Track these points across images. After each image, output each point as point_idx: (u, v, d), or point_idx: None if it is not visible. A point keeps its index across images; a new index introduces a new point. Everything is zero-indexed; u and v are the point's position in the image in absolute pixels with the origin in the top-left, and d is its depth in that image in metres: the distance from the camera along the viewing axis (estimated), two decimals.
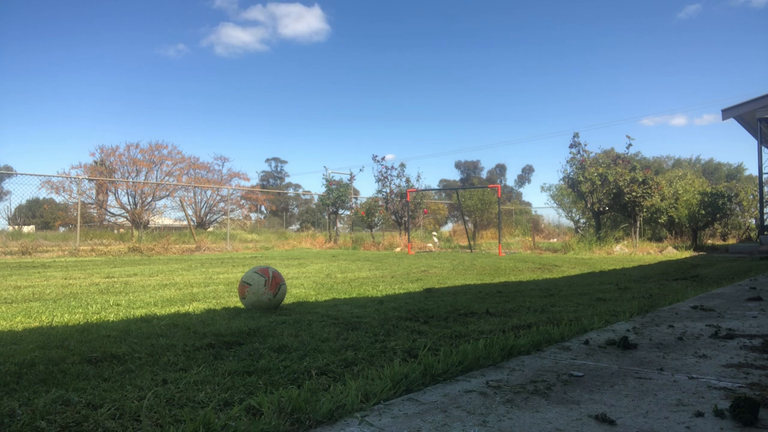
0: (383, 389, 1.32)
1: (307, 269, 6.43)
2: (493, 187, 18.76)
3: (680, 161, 44.66)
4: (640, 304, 2.99)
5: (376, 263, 7.78)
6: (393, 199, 15.99)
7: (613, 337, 2.01)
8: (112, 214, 21.85)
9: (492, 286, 4.46)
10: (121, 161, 23.26)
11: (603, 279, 5.16)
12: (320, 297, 3.58)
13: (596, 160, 13.45)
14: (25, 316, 2.70)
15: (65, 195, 19.56)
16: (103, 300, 3.38)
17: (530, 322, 2.41)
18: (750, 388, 1.38)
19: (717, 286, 4.18)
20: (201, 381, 1.46)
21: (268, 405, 1.18)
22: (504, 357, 1.73)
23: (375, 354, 1.80)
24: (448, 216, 31.43)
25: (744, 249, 11.72)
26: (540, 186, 40.29)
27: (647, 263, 8.09)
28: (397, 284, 4.54)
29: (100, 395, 1.33)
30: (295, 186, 62.57)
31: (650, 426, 1.12)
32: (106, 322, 2.54)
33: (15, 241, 12.34)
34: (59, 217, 22.46)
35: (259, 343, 1.98)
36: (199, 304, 3.20)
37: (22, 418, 1.15)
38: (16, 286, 4.32)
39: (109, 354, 1.78)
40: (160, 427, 1.12)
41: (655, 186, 12.86)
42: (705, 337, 2.09)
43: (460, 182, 67.81)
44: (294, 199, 52.43)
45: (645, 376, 1.52)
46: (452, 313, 2.76)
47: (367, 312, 2.77)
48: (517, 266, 7.19)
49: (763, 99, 11.81)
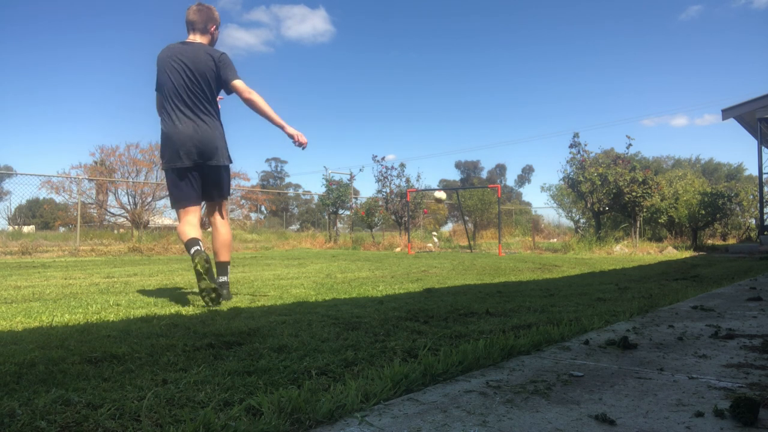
0: (383, 389, 1.32)
1: (307, 269, 6.43)
2: (493, 187, 18.76)
3: (680, 161, 44.66)
4: (640, 304, 2.99)
5: (376, 263, 7.78)
6: (393, 199, 15.99)
7: (613, 337, 2.01)
8: (112, 214, 21.84)
9: (492, 286, 4.46)
10: (121, 161, 23.23)
11: (603, 279, 5.16)
12: (320, 297, 3.58)
13: (596, 160, 13.45)
14: (25, 316, 2.70)
15: (65, 195, 19.53)
16: (103, 300, 3.38)
17: (530, 322, 2.41)
18: (750, 388, 1.38)
19: (717, 286, 4.18)
20: (201, 381, 1.46)
21: (268, 405, 1.18)
22: (504, 357, 1.73)
23: (375, 354, 1.80)
24: (448, 216, 31.42)
25: (744, 249, 11.72)
26: (540, 186, 40.29)
27: (647, 263, 8.09)
28: (397, 284, 4.54)
29: (100, 395, 1.33)
30: (295, 186, 62.56)
31: (650, 426, 1.12)
32: (106, 322, 2.54)
33: (15, 241, 12.33)
34: (59, 217, 22.45)
35: (259, 343, 1.98)
36: (199, 304, 3.20)
37: (22, 418, 1.15)
38: (16, 286, 4.32)
39: (109, 354, 1.78)
40: (160, 427, 1.12)
41: (655, 186, 12.87)
42: (705, 337, 2.09)
43: (460, 182, 67.78)
44: (294, 199, 52.41)
45: (645, 376, 1.52)
46: (452, 313, 2.76)
47: (367, 312, 2.77)
48: (517, 266, 7.19)
49: (763, 99, 11.81)
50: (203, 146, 3.32)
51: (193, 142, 3.29)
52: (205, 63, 3.34)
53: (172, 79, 3.32)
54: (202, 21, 3.44)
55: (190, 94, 3.32)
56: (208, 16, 3.47)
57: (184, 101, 3.32)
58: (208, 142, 3.34)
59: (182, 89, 3.32)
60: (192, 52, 3.35)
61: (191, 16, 3.44)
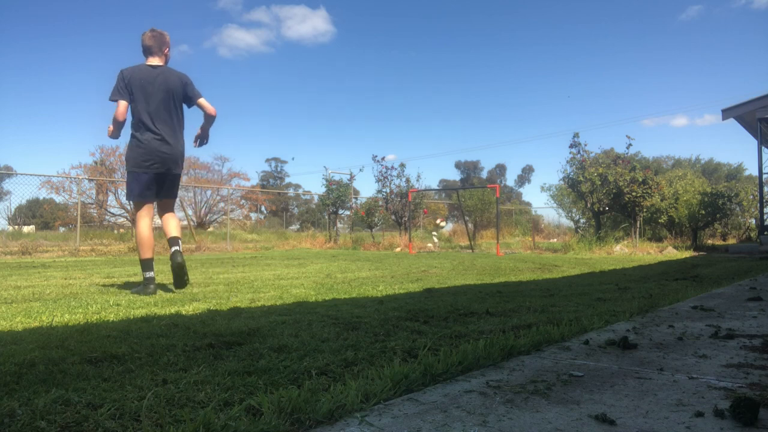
0: (383, 389, 1.32)
1: (307, 269, 6.44)
2: (492, 186, 18.76)
3: (680, 161, 44.66)
4: (640, 304, 2.99)
5: (376, 263, 7.78)
6: (393, 199, 15.99)
7: (613, 337, 2.01)
8: (112, 214, 21.84)
9: (492, 286, 4.46)
10: (121, 161, 23.23)
11: (603, 279, 5.16)
12: (320, 297, 3.58)
13: (596, 160, 13.45)
14: (25, 316, 2.70)
15: (65, 195, 19.56)
16: (103, 300, 3.38)
17: (530, 322, 2.41)
18: (750, 388, 1.38)
19: (717, 286, 4.18)
20: (201, 381, 1.46)
21: (268, 405, 1.18)
22: (504, 357, 1.73)
23: (375, 354, 1.80)
24: (448, 216, 31.43)
25: (744, 249, 11.72)
26: (540, 186, 40.29)
27: (647, 263, 8.09)
28: (397, 284, 4.54)
29: (100, 395, 1.33)
30: (295, 186, 62.58)
31: (650, 426, 1.12)
32: (106, 322, 2.54)
33: (15, 241, 12.34)
34: (59, 217, 22.46)
35: (259, 343, 1.98)
36: (199, 304, 3.20)
37: (22, 418, 1.15)
38: (16, 286, 4.32)
39: (109, 354, 1.78)
40: (160, 427, 1.12)
41: (655, 186, 12.86)
42: (705, 337, 2.09)
43: (460, 182, 67.81)
44: (294, 199, 52.43)
45: (645, 376, 1.52)
46: (452, 313, 2.76)
47: (367, 312, 2.77)
48: (517, 266, 7.19)
49: (763, 99, 11.81)
50: (169, 159, 3.97)
51: (162, 156, 3.92)
52: (176, 85, 3.99)
53: (151, 100, 3.89)
54: (158, 45, 4.02)
55: (165, 113, 3.93)
56: (162, 41, 4.05)
57: (161, 119, 3.92)
58: (172, 155, 3.99)
59: (161, 109, 3.91)
60: (164, 76, 3.96)
61: (147, 41, 4.00)
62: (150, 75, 3.91)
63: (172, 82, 3.96)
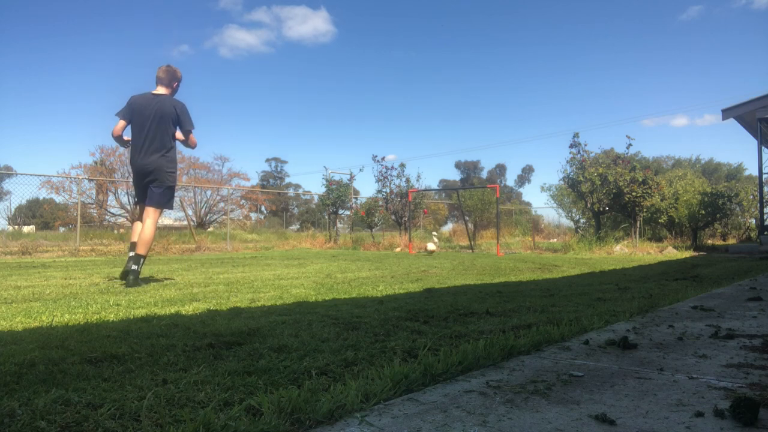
0: (383, 389, 1.32)
1: (307, 269, 6.44)
2: (492, 186, 18.75)
3: (680, 161, 44.65)
4: (640, 304, 2.99)
5: (376, 263, 7.78)
6: (393, 199, 15.99)
7: (613, 337, 2.01)
8: (112, 214, 21.85)
9: (492, 286, 4.46)
10: (121, 161, 23.25)
11: (603, 279, 5.17)
12: (320, 297, 3.58)
13: (596, 160, 13.45)
14: (25, 316, 2.70)
15: (65, 195, 19.58)
16: (103, 300, 3.38)
17: (530, 322, 2.41)
18: (750, 388, 1.38)
19: (717, 286, 4.18)
20: (201, 381, 1.46)
21: (268, 405, 1.18)
22: (504, 357, 1.73)
23: (375, 354, 1.80)
24: (448, 216, 31.43)
25: (744, 249, 11.72)
26: (540, 186, 40.29)
27: (647, 263, 8.09)
28: (397, 284, 4.54)
29: (100, 395, 1.33)
30: (295, 186, 62.59)
31: (650, 426, 1.12)
32: (106, 322, 2.54)
33: (15, 241, 12.33)
34: (59, 217, 22.46)
35: (259, 343, 1.98)
36: (199, 304, 3.20)
37: (22, 418, 1.15)
38: (16, 286, 4.32)
39: (109, 354, 1.78)
40: (160, 427, 1.12)
41: (655, 186, 12.86)
42: (705, 337, 2.09)
43: (460, 182, 67.80)
44: (294, 199, 52.43)
45: (645, 376, 1.52)
46: (452, 313, 2.76)
47: (367, 312, 2.77)
48: (517, 266, 7.19)
49: (763, 99, 11.81)
50: (148, 173, 4.65)
51: (144, 171, 4.65)
52: (169, 112, 4.67)
53: (147, 124, 4.61)
54: (168, 79, 4.77)
55: (155, 135, 4.63)
56: (173, 76, 4.79)
57: (151, 140, 4.62)
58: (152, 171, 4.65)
59: (152, 132, 4.62)
60: (160, 104, 4.66)
61: (160, 74, 4.74)
62: (151, 102, 4.64)
63: (167, 109, 4.65)
